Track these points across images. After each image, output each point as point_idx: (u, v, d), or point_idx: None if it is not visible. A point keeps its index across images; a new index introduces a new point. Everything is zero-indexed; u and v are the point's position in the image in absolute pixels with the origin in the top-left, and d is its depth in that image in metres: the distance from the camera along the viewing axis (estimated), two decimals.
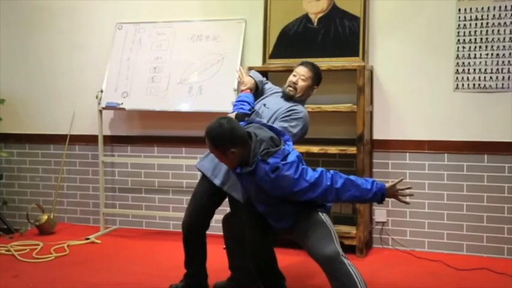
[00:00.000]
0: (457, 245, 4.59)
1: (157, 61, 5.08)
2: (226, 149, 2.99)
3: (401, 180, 3.07)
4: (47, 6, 5.53)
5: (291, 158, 2.99)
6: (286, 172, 2.93)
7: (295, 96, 3.66)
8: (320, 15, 4.71)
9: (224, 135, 2.99)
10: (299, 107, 3.64)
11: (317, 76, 3.74)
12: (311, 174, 2.96)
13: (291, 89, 3.64)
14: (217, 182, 3.53)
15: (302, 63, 3.75)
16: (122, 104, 5.07)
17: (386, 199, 3.12)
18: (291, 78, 3.68)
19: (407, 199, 3.09)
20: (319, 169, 2.99)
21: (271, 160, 2.96)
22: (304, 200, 3.02)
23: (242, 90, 3.78)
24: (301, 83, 3.65)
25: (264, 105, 3.68)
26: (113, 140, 5.42)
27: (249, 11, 4.91)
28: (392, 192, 3.05)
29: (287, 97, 3.67)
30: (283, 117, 3.57)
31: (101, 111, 5.18)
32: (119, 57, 5.18)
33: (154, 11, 5.21)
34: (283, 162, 2.96)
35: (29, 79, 5.61)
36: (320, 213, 3.15)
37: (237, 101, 3.67)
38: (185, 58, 5.01)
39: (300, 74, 3.67)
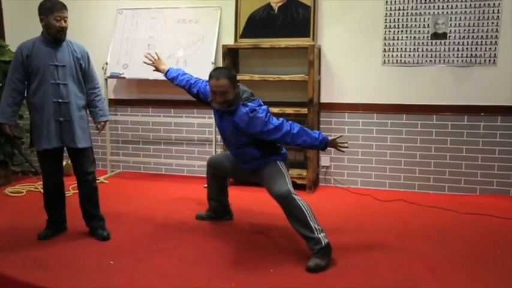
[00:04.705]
0: (381, 183, 4.74)
1: (150, 39, 5.05)
2: (236, 84, 3.13)
3: (340, 136, 3.20)
4: None
5: (263, 107, 3.14)
6: (260, 114, 3.05)
7: (63, 38, 3.24)
8: (280, 4, 4.70)
9: (234, 72, 3.21)
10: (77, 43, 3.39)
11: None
12: (275, 120, 3.08)
13: (61, 33, 3.20)
14: (48, 145, 3.27)
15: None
16: (123, 73, 5.07)
17: (329, 149, 3.30)
18: (58, 24, 3.16)
19: (344, 150, 3.21)
20: (281, 118, 3.12)
21: (250, 104, 3.12)
22: (269, 140, 3.10)
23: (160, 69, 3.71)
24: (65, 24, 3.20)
25: (55, 65, 3.23)
26: (116, 103, 5.40)
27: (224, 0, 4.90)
28: (334, 144, 3.15)
29: (59, 42, 3.24)
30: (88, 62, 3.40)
31: (106, 80, 5.16)
32: (120, 36, 5.15)
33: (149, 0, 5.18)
34: (258, 108, 3.10)
35: None
36: (278, 162, 3.24)
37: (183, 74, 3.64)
38: (173, 37, 4.97)
39: (64, 16, 3.18)
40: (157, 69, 3.77)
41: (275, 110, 4.46)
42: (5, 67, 5.16)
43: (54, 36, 3.22)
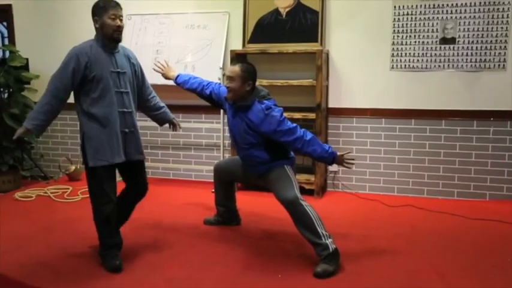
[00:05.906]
0: (389, 188, 4.74)
1: (159, 45, 5.09)
2: (248, 80, 3.15)
3: (348, 152, 3.20)
4: (71, 2, 5.40)
5: (279, 107, 3.17)
6: (275, 113, 3.07)
7: (120, 38, 3.02)
8: (288, 9, 4.73)
9: (253, 70, 3.20)
10: (126, 49, 3.20)
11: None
12: (290, 123, 3.08)
13: (118, 33, 2.98)
14: (119, 159, 3.02)
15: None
16: None
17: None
18: (114, 23, 2.94)
19: (350, 167, 3.22)
20: (295, 124, 3.10)
21: (266, 101, 3.14)
22: (280, 141, 3.08)
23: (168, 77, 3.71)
24: (121, 23, 3.00)
25: (117, 72, 3.00)
26: None
27: (232, 5, 4.93)
28: (341, 160, 3.13)
29: (116, 42, 3.00)
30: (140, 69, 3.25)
31: None
32: (128, 42, 5.12)
33: (157, 5, 5.19)
34: (273, 107, 3.12)
35: (57, 59, 5.50)
36: (285, 166, 3.23)
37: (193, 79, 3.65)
38: (181, 43, 5.00)
39: (119, 14, 2.99)
40: (166, 77, 3.78)
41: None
42: (15, 72, 5.22)
43: (111, 36, 2.96)
